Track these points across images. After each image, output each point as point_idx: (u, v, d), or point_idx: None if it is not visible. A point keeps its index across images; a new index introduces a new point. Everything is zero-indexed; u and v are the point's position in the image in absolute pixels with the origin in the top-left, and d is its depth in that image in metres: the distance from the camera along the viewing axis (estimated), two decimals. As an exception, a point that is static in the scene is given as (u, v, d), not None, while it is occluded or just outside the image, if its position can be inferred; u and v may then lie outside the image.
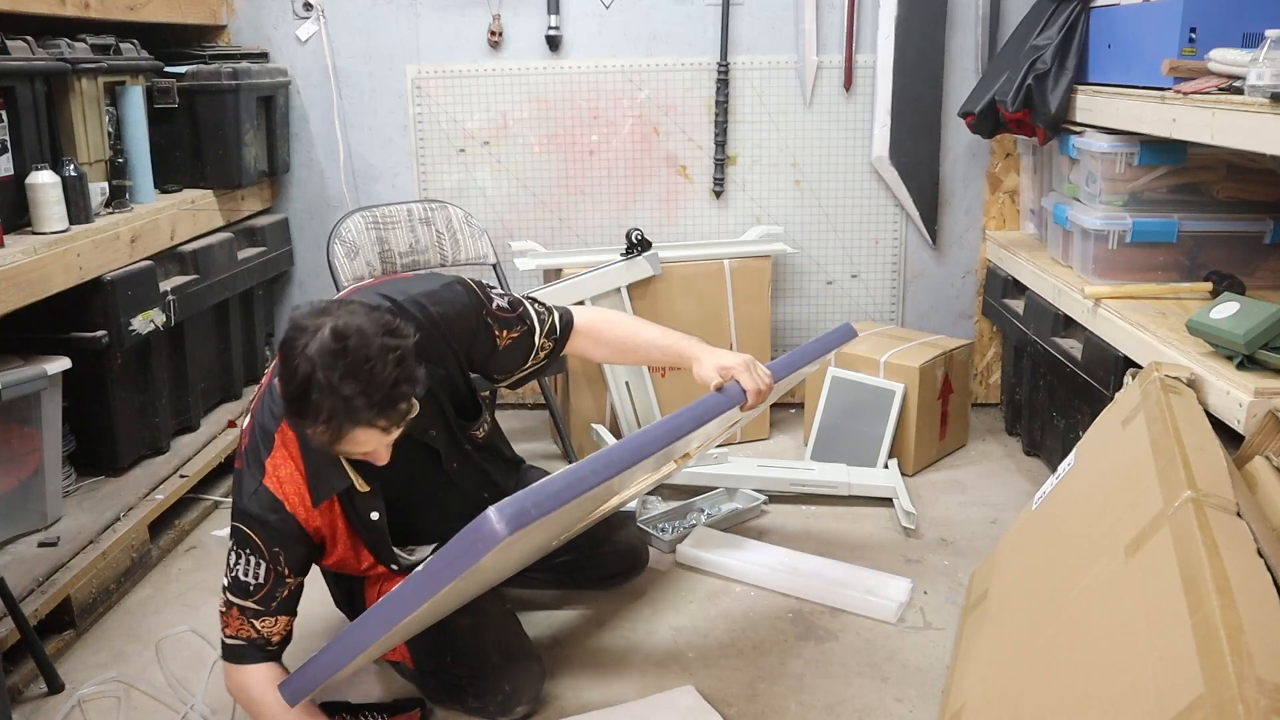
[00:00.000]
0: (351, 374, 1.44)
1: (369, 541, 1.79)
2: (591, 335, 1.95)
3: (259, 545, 1.65)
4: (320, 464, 1.66)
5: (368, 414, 1.47)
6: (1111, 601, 1.38)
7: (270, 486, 1.65)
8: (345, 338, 1.45)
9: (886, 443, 2.83)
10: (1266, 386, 1.75)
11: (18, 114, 2.19)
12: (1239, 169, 2.43)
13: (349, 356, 1.44)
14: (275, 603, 1.68)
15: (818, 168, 3.24)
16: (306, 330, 1.47)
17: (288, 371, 1.47)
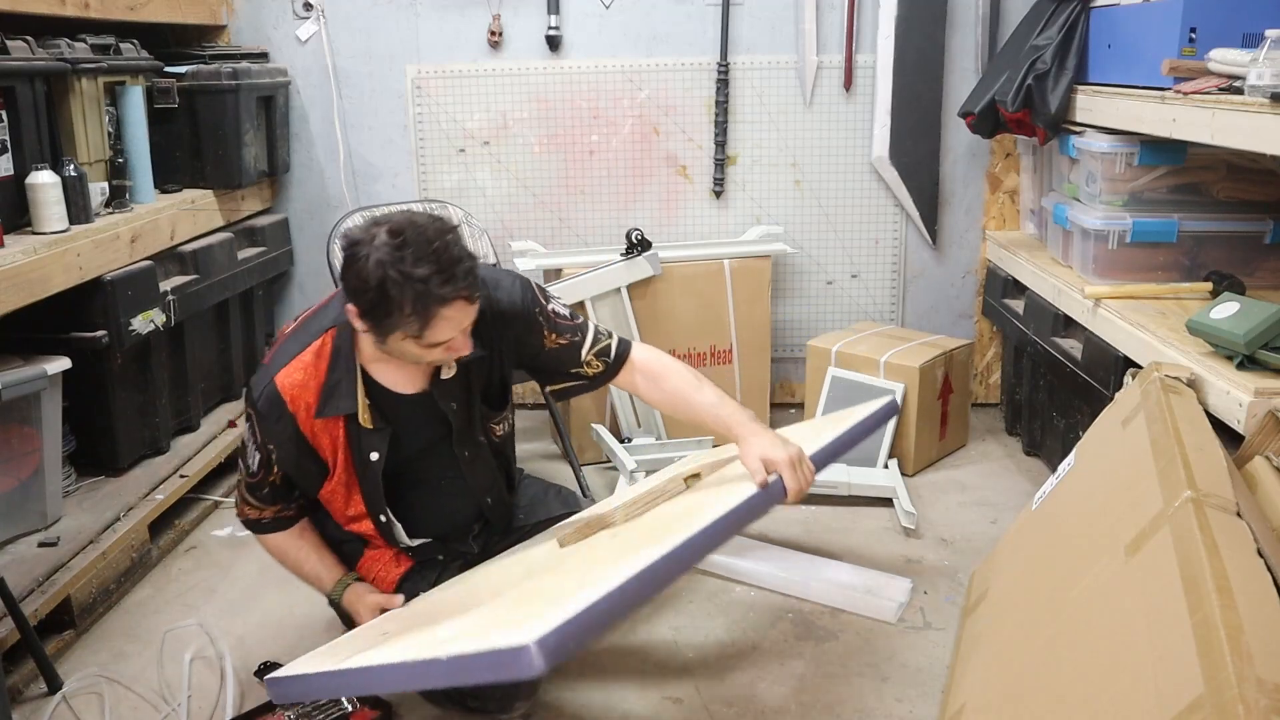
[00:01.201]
0: (421, 259, 1.51)
1: (362, 483, 1.82)
2: (649, 376, 1.90)
3: (258, 436, 1.75)
4: (339, 382, 1.71)
5: (447, 288, 1.54)
6: (1111, 601, 1.38)
7: (280, 384, 1.70)
8: (402, 232, 1.53)
9: (886, 443, 2.83)
10: (1266, 386, 1.76)
11: (18, 114, 2.19)
12: (1239, 169, 2.43)
13: (412, 245, 1.52)
14: (264, 490, 1.81)
15: (818, 168, 3.23)
16: (362, 242, 1.54)
17: (359, 283, 1.54)
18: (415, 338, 1.58)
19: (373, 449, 1.78)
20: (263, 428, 1.73)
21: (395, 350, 1.64)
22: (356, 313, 1.59)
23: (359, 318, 1.60)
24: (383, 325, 1.58)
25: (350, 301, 1.60)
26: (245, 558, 2.47)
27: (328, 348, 1.72)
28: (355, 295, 1.57)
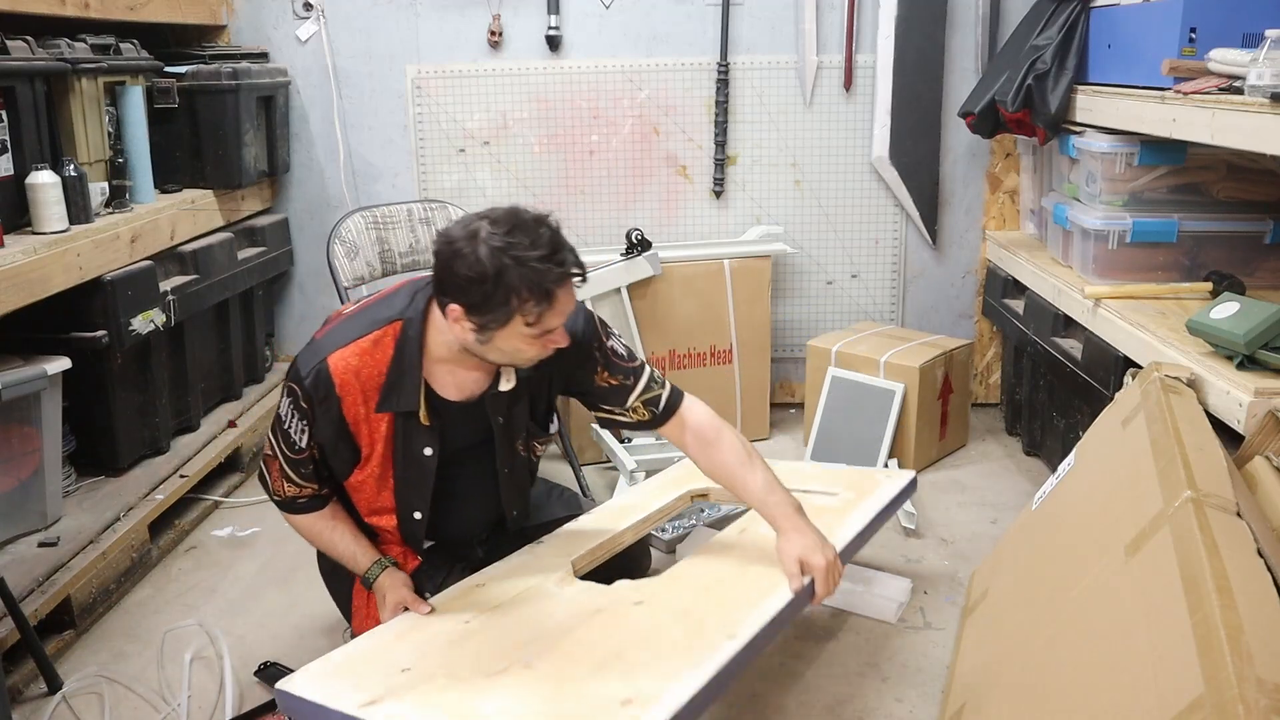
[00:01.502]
0: (532, 244, 1.53)
1: (403, 478, 1.79)
2: (700, 439, 1.85)
3: (307, 412, 1.71)
4: (402, 378, 1.68)
5: (562, 269, 1.55)
6: (1111, 601, 1.38)
7: (332, 365, 1.67)
8: (504, 222, 1.54)
9: (886, 443, 2.83)
10: (1266, 386, 1.75)
11: (18, 114, 2.19)
12: (1239, 169, 2.43)
13: (519, 233, 1.53)
14: (309, 467, 1.77)
15: (818, 168, 3.24)
16: (464, 238, 1.54)
17: (473, 275, 1.53)
18: (532, 324, 1.57)
19: (426, 445, 1.77)
20: (311, 408, 1.70)
21: (499, 346, 1.61)
22: (463, 310, 1.57)
23: (467, 315, 1.57)
24: (500, 315, 1.56)
25: (455, 300, 1.57)
26: (245, 558, 2.47)
27: (390, 340, 1.69)
28: (465, 289, 1.55)
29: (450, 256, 1.56)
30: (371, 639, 1.68)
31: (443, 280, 1.59)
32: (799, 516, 1.76)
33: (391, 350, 1.69)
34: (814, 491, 2.15)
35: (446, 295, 1.59)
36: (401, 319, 1.69)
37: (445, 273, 1.58)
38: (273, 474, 1.82)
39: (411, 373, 1.69)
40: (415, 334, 1.68)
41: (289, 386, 1.72)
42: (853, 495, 2.12)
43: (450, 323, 1.61)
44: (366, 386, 1.69)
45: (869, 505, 2.06)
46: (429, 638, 1.64)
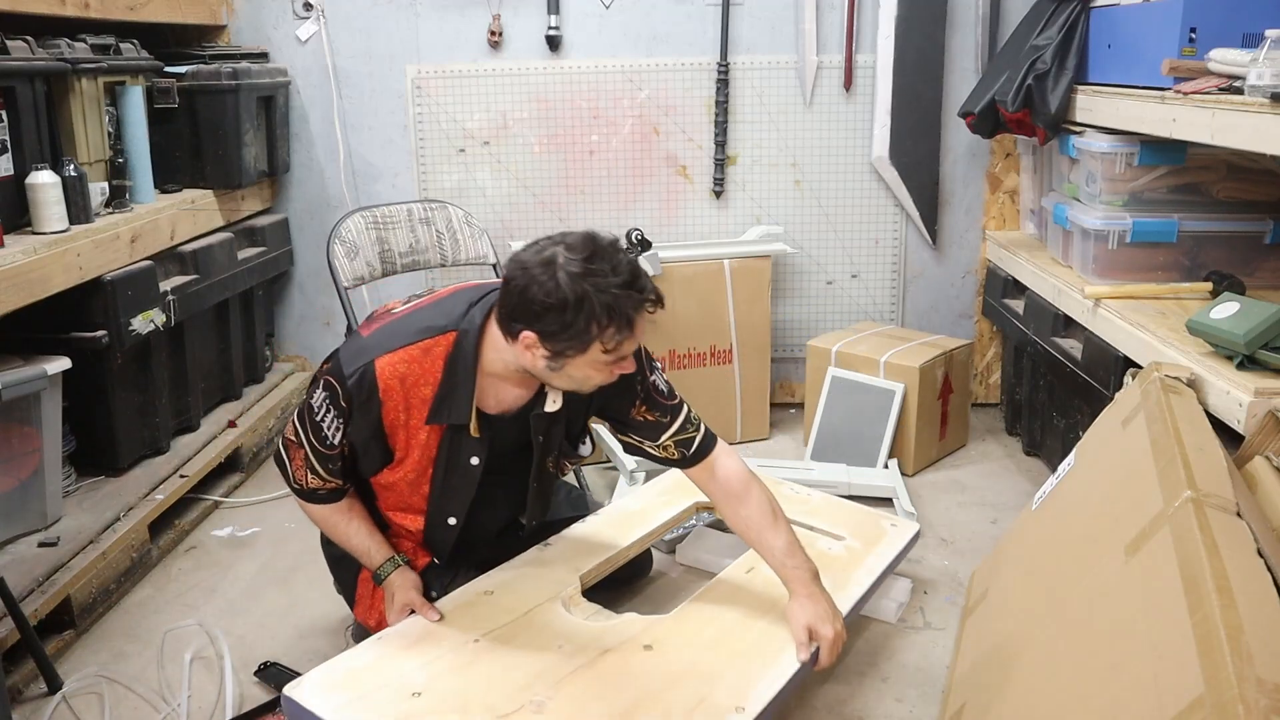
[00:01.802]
0: (613, 270, 1.52)
1: (443, 485, 1.78)
2: (727, 492, 1.81)
3: (345, 411, 1.68)
4: (454, 390, 1.66)
5: (643, 295, 1.55)
6: (1111, 601, 1.38)
7: (379, 369, 1.65)
8: (582, 248, 1.52)
9: (886, 443, 2.83)
10: (1266, 386, 1.75)
11: (18, 114, 2.19)
12: (1239, 169, 2.43)
13: (598, 260, 1.52)
14: (338, 464, 1.75)
15: (818, 168, 3.24)
16: (540, 264, 1.52)
17: (552, 302, 1.50)
18: (609, 351, 1.56)
19: (473, 455, 1.75)
20: (346, 403, 1.67)
21: (570, 373, 1.60)
22: (538, 338, 1.54)
23: (542, 342, 1.55)
24: (578, 343, 1.54)
25: (529, 327, 1.54)
26: (245, 558, 2.47)
27: (441, 350, 1.66)
28: (541, 316, 1.52)
29: (526, 283, 1.52)
30: (379, 647, 1.66)
31: (515, 307, 1.55)
32: (814, 584, 1.75)
33: (442, 362, 1.66)
34: (819, 530, 2.14)
35: (518, 322, 1.56)
36: (456, 330, 1.67)
37: (519, 299, 1.54)
38: (295, 462, 1.78)
39: (465, 386, 1.67)
40: (470, 348, 1.66)
41: (328, 381, 1.69)
42: (859, 545, 2.11)
43: (520, 349, 1.59)
44: (410, 394, 1.67)
45: (874, 562, 2.05)
46: (438, 655, 1.62)
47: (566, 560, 1.93)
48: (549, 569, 1.89)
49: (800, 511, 2.21)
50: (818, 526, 2.15)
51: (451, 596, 1.80)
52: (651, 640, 1.70)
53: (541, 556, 1.94)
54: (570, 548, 1.97)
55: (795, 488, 2.37)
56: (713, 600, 1.84)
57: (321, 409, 1.70)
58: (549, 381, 1.66)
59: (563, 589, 1.83)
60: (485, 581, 1.84)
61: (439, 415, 1.69)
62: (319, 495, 1.81)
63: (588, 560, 1.93)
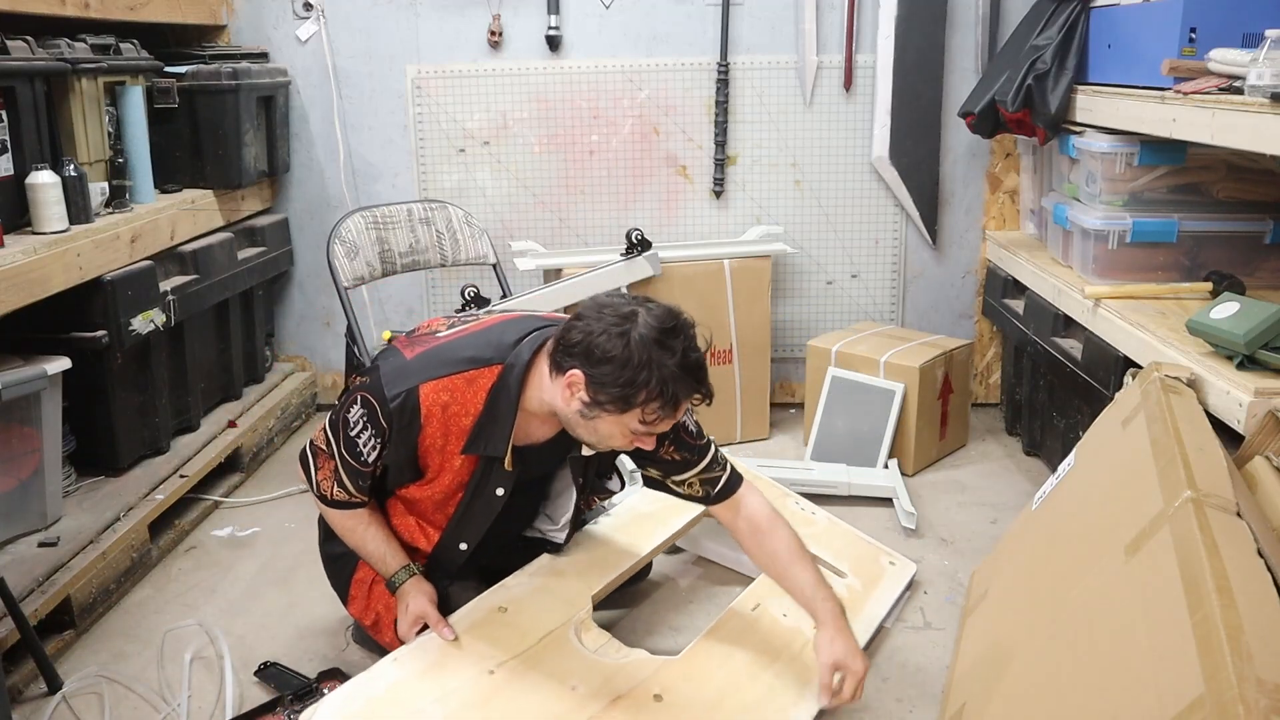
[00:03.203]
0: (683, 353, 1.57)
1: (467, 511, 1.80)
2: (753, 527, 1.83)
3: (384, 432, 1.68)
4: (495, 422, 1.67)
5: (698, 388, 1.60)
6: (1111, 601, 1.38)
7: (423, 395, 1.66)
8: (662, 320, 1.57)
9: (886, 443, 2.83)
10: (1266, 386, 1.75)
11: (18, 114, 2.19)
12: (1239, 169, 2.43)
13: (673, 338, 1.57)
14: (368, 482, 1.76)
15: (818, 168, 3.24)
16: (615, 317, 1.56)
17: (617, 358, 1.53)
18: (645, 424, 1.59)
19: (500, 486, 1.77)
20: (389, 430, 1.68)
21: (597, 428, 1.62)
22: (585, 382, 1.56)
23: (588, 387, 1.57)
24: (621, 403, 1.56)
25: (583, 369, 1.56)
26: (245, 558, 2.47)
27: (485, 383, 1.67)
28: (599, 364, 1.54)
29: (600, 329, 1.55)
30: (394, 669, 1.65)
31: (575, 345, 1.57)
32: (842, 619, 1.75)
33: (485, 395, 1.67)
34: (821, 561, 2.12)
35: (574, 360, 1.58)
36: (503, 364, 1.68)
37: (585, 340, 1.56)
38: (322, 471, 1.78)
39: (505, 421, 1.68)
40: (515, 383, 1.66)
41: (367, 398, 1.68)
42: (859, 585, 2.11)
43: (562, 386, 1.60)
44: (450, 422, 1.68)
45: (874, 610, 2.07)
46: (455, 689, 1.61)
47: (579, 572, 1.91)
48: (562, 582, 1.88)
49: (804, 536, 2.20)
50: (821, 558, 2.15)
51: (465, 613, 1.78)
52: (661, 688, 1.70)
53: (554, 566, 1.92)
54: (583, 556, 1.96)
55: (801, 503, 2.36)
56: (721, 640, 1.84)
57: (358, 425, 1.70)
58: (572, 427, 1.66)
59: (575, 610, 1.81)
60: (498, 596, 1.82)
61: (476, 446, 1.70)
62: (341, 504, 1.81)
63: (600, 574, 1.92)
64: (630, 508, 2.15)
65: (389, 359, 1.73)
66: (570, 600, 1.84)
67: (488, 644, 1.72)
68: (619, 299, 1.61)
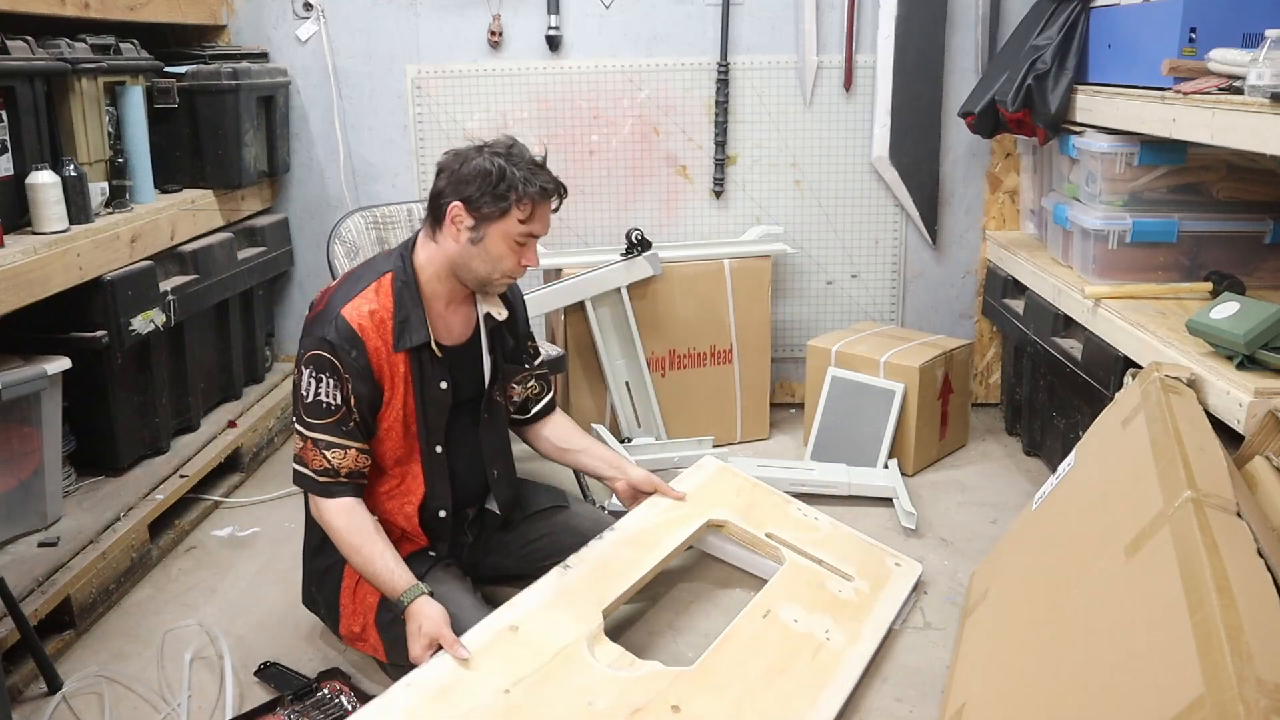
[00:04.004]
0: (529, 159, 1.84)
1: (423, 417, 1.91)
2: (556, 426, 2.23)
3: (337, 367, 1.80)
4: (408, 316, 1.85)
5: (552, 180, 1.85)
6: (1111, 601, 1.38)
7: (348, 316, 1.81)
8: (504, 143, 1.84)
9: (886, 443, 2.83)
10: (1266, 386, 1.75)
11: (18, 114, 2.19)
12: (1239, 169, 2.43)
13: (516, 149, 1.84)
14: (346, 428, 1.83)
15: (818, 168, 3.24)
16: (467, 152, 1.83)
17: (476, 173, 1.79)
18: (523, 222, 1.81)
19: (441, 379, 1.92)
20: (342, 361, 1.79)
21: (488, 248, 1.83)
22: (464, 206, 1.80)
23: (468, 209, 1.80)
24: (498, 208, 1.79)
25: (458, 197, 1.80)
26: (245, 558, 2.47)
27: (387, 287, 1.85)
28: (467, 184, 1.79)
29: (460, 162, 1.81)
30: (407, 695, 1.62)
31: (444, 189, 1.82)
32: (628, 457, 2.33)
33: (391, 295, 1.85)
34: (828, 566, 2.14)
35: (447, 197, 1.81)
36: (390, 269, 1.88)
37: (452, 175, 1.81)
38: (307, 453, 1.83)
39: (415, 309, 1.86)
40: (408, 277, 1.87)
41: (311, 356, 1.81)
42: (866, 588, 2.11)
43: (447, 226, 1.83)
44: (381, 328, 1.83)
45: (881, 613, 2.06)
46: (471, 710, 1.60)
47: (588, 587, 1.89)
48: (572, 599, 1.86)
49: (809, 540, 2.21)
50: (827, 561, 2.15)
51: (477, 633, 1.75)
52: (678, 699, 1.69)
53: (562, 583, 1.90)
54: (590, 572, 1.94)
55: (803, 509, 2.36)
56: (734, 648, 1.83)
57: (310, 384, 1.81)
58: (467, 264, 1.86)
59: (587, 626, 1.80)
60: (508, 614, 1.79)
61: (402, 341, 1.85)
62: (336, 486, 1.83)
63: (608, 589, 1.90)
64: (632, 525, 2.14)
65: (305, 328, 1.87)
66: (581, 615, 1.82)
67: (501, 663, 1.69)
68: (461, 148, 1.86)
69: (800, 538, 2.21)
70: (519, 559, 2.20)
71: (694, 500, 2.25)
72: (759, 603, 1.97)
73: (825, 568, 2.13)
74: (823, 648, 1.88)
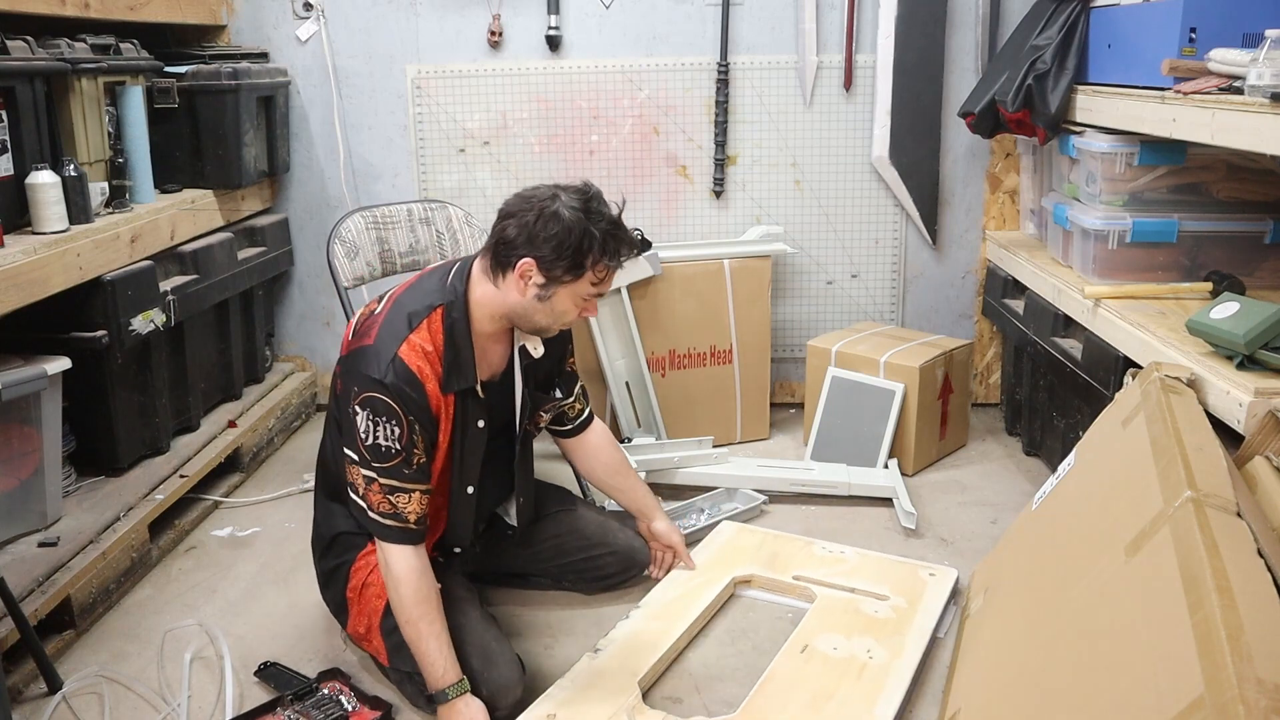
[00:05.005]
0: (610, 224, 1.75)
1: (459, 454, 1.87)
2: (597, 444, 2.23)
3: (398, 411, 1.73)
4: (458, 358, 1.79)
5: (630, 237, 1.79)
6: (1111, 601, 1.38)
7: (406, 360, 1.73)
8: (580, 193, 1.75)
9: (886, 443, 2.83)
10: (1266, 386, 1.75)
11: (18, 114, 2.19)
12: (1239, 169, 2.43)
13: (595, 203, 1.75)
14: (409, 471, 1.76)
15: (818, 168, 3.24)
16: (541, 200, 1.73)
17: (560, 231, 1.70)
18: (596, 284, 1.76)
19: (479, 418, 1.87)
20: (404, 402, 1.73)
21: (554, 306, 1.77)
22: (536, 264, 1.71)
23: (540, 267, 1.72)
24: (574, 269, 1.72)
25: (531, 254, 1.71)
26: (245, 558, 2.47)
27: (438, 324, 1.78)
28: (544, 242, 1.70)
29: (536, 214, 1.71)
30: None
31: (517, 239, 1.72)
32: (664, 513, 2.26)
33: (442, 333, 1.78)
34: (861, 591, 2.13)
35: (518, 250, 1.72)
36: (443, 303, 1.79)
37: (524, 231, 1.71)
38: (374, 500, 1.76)
39: (465, 349, 1.79)
40: (460, 313, 1.79)
41: (367, 398, 1.72)
42: (904, 603, 2.10)
43: (515, 279, 1.74)
44: (434, 367, 1.77)
45: (923, 622, 2.03)
46: None
47: (621, 665, 1.88)
48: (606, 679, 1.84)
49: (838, 573, 2.21)
50: (859, 588, 2.14)
51: None
52: None
53: (593, 666, 1.88)
54: (620, 650, 1.93)
55: (826, 546, 2.34)
56: (776, 689, 1.81)
57: (369, 426, 1.73)
58: (529, 317, 1.80)
59: (625, 699, 1.77)
60: (544, 706, 1.77)
61: (450, 384, 1.79)
62: (411, 530, 1.76)
63: (641, 661, 1.88)
64: (658, 599, 2.12)
65: (354, 359, 1.78)
66: (618, 690, 1.80)
67: None
68: (532, 191, 1.76)
69: (828, 572, 2.21)
70: (525, 560, 2.20)
71: (716, 564, 2.26)
72: (796, 639, 1.96)
73: (859, 594, 2.12)
74: (866, 666, 1.87)
